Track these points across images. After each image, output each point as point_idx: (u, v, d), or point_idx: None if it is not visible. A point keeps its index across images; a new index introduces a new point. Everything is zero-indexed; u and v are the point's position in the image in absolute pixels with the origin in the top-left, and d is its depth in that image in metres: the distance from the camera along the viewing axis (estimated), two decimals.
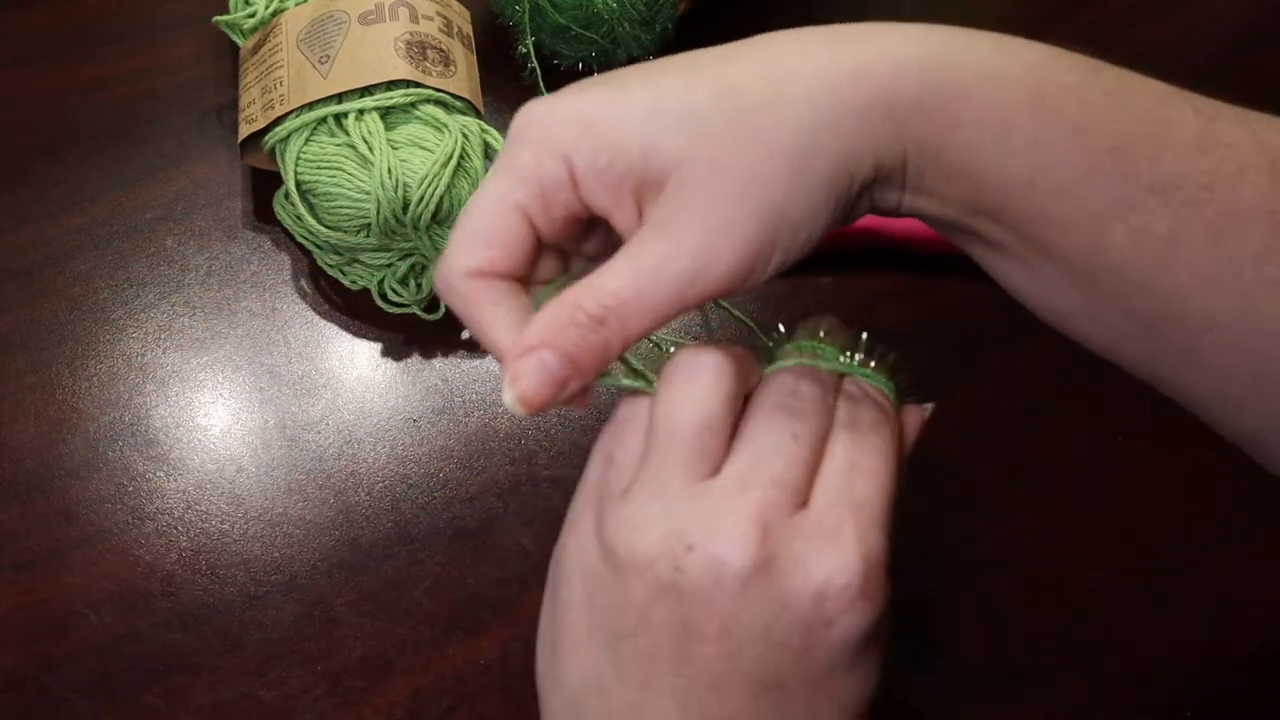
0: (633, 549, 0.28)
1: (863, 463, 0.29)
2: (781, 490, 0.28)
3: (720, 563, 0.27)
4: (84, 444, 0.45)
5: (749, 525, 0.27)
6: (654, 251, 0.29)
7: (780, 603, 0.27)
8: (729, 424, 0.29)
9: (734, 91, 0.31)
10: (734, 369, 0.30)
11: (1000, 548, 0.46)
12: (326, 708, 0.41)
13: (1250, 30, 0.67)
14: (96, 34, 0.58)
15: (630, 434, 0.31)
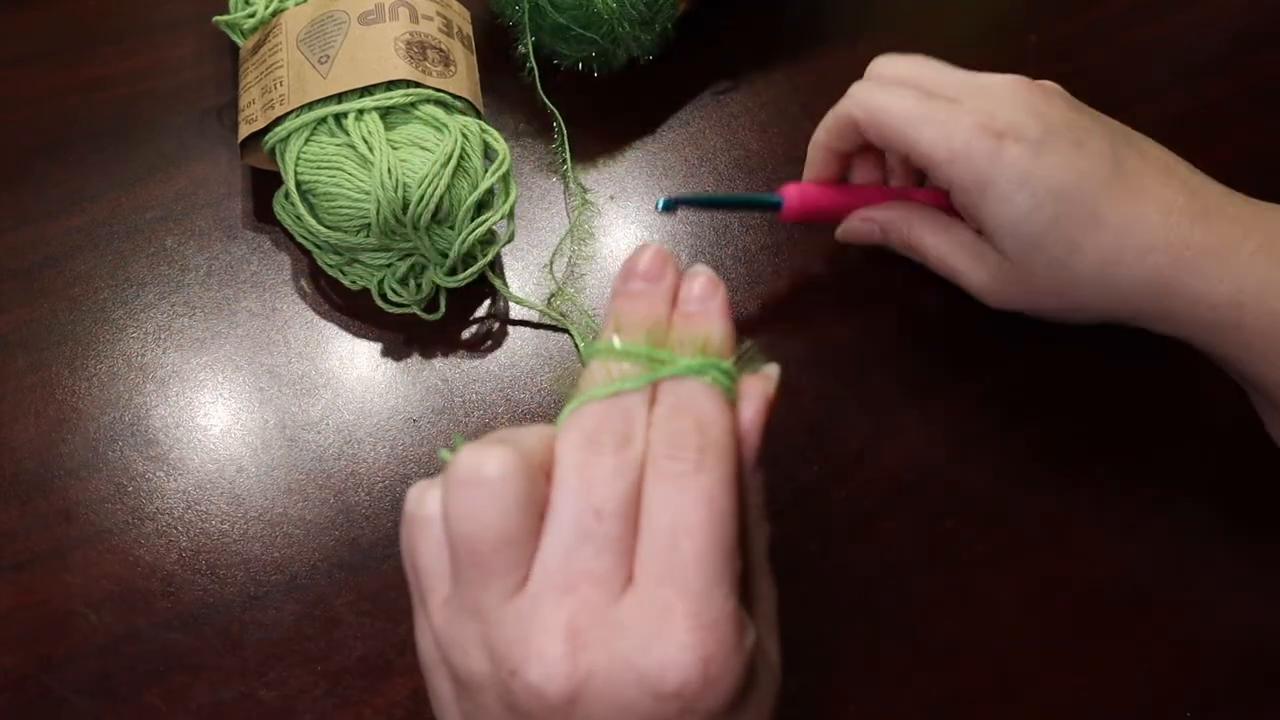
0: (468, 670, 0.27)
1: (685, 519, 0.26)
2: (595, 584, 0.26)
3: (540, 690, 0.25)
4: (84, 444, 0.45)
5: (559, 646, 0.25)
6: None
7: (621, 709, 0.25)
8: (530, 526, 0.26)
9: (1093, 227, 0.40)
10: (520, 462, 0.26)
11: (1000, 547, 0.46)
12: (326, 708, 0.41)
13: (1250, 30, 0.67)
14: (96, 34, 0.58)
15: (423, 543, 0.28)
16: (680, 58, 0.59)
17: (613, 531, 0.26)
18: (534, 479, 0.27)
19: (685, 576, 0.26)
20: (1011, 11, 0.66)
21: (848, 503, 0.47)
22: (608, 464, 0.27)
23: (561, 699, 0.25)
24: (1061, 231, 0.39)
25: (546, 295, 0.51)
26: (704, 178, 0.56)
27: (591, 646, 0.25)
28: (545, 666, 0.25)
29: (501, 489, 0.26)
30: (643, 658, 0.25)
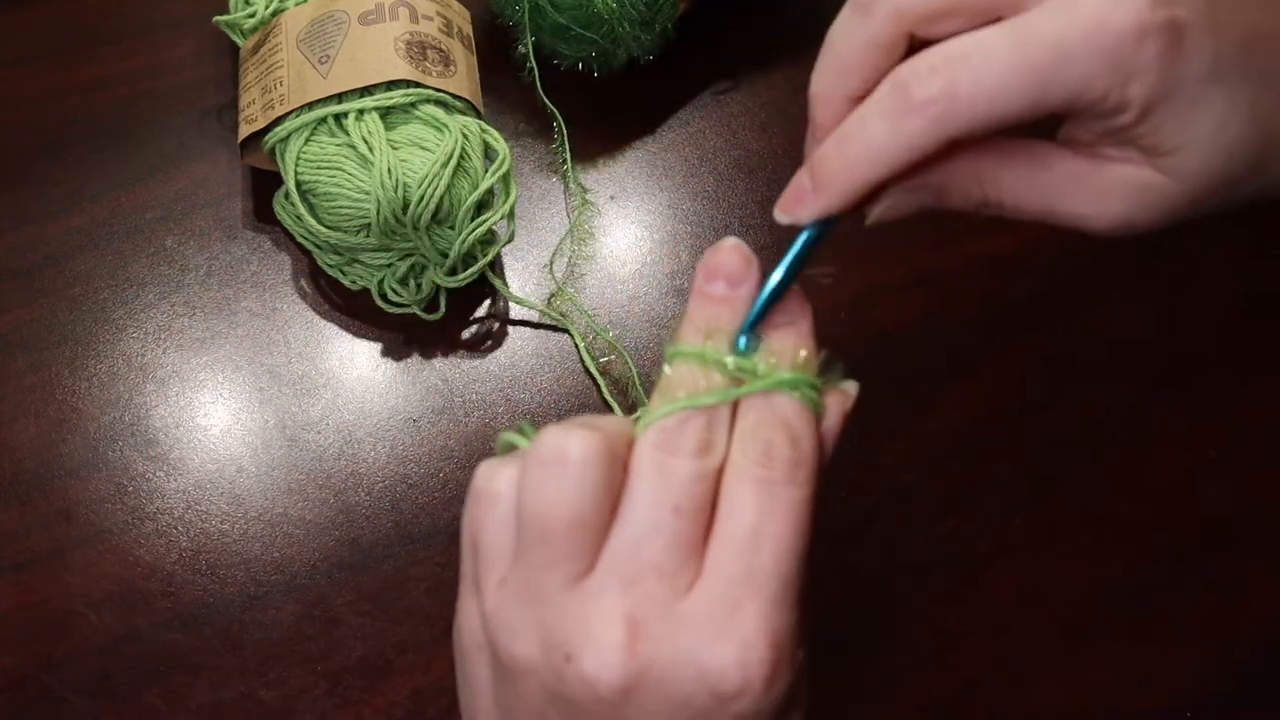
0: (514, 655, 0.26)
1: (770, 526, 0.26)
2: (661, 578, 0.26)
3: (594, 680, 0.25)
4: (84, 444, 0.45)
5: (619, 635, 0.25)
6: None
7: (676, 704, 0.25)
8: (604, 513, 0.26)
9: None
10: (605, 448, 0.26)
11: (1000, 547, 0.46)
12: (326, 708, 0.41)
13: None
14: (96, 34, 0.58)
15: (489, 520, 0.28)
16: (680, 58, 0.59)
17: (685, 530, 0.26)
18: (614, 467, 0.26)
19: (761, 580, 0.25)
20: None
21: (848, 503, 0.47)
22: (687, 465, 0.26)
23: (614, 690, 0.25)
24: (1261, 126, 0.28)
25: (546, 295, 0.51)
26: (704, 177, 0.56)
27: (653, 639, 0.25)
28: (602, 655, 0.25)
29: (583, 472, 0.26)
30: (706, 654, 0.25)
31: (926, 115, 0.26)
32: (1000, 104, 0.26)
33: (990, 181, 0.30)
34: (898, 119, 0.27)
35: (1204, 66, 0.26)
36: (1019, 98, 0.26)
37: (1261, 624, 0.45)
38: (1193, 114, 0.27)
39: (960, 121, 0.26)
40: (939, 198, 0.30)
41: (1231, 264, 0.56)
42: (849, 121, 0.28)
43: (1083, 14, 0.25)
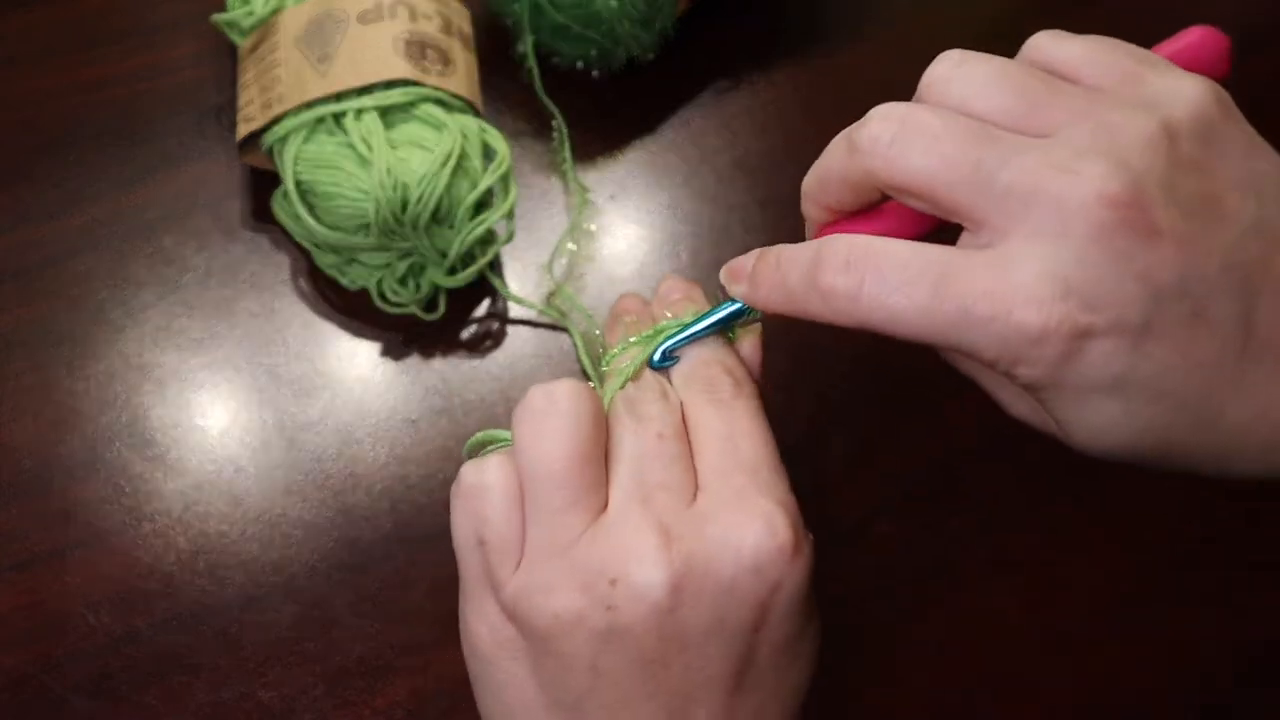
0: (555, 612, 0.27)
1: (739, 427, 0.29)
2: (669, 491, 0.28)
3: (645, 588, 0.27)
4: (82, 444, 0.45)
5: (654, 539, 0.27)
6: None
7: (722, 591, 0.27)
8: (601, 449, 0.29)
9: None
10: (588, 390, 0.29)
11: (1001, 552, 0.46)
12: (326, 708, 0.41)
13: (1250, 30, 0.67)
14: (96, 34, 0.58)
15: (490, 509, 0.29)
16: (680, 58, 0.59)
17: (674, 449, 0.29)
18: (599, 412, 0.30)
19: (751, 465, 0.29)
20: (1011, 11, 0.66)
21: (848, 505, 0.47)
22: (656, 404, 0.30)
23: (666, 592, 0.27)
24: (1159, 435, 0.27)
25: (546, 295, 0.51)
26: (704, 177, 0.56)
27: (684, 539, 0.27)
28: (645, 565, 0.27)
29: (575, 408, 0.29)
30: (737, 535, 0.27)
31: (826, 301, 0.28)
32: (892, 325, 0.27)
33: None
34: (806, 283, 0.29)
35: (1105, 378, 0.26)
36: (912, 329, 0.27)
37: (1267, 630, 0.45)
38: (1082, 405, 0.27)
39: (851, 320, 0.28)
40: None
41: None
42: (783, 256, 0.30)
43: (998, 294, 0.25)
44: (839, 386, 0.50)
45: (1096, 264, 0.25)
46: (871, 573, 0.45)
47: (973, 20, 0.65)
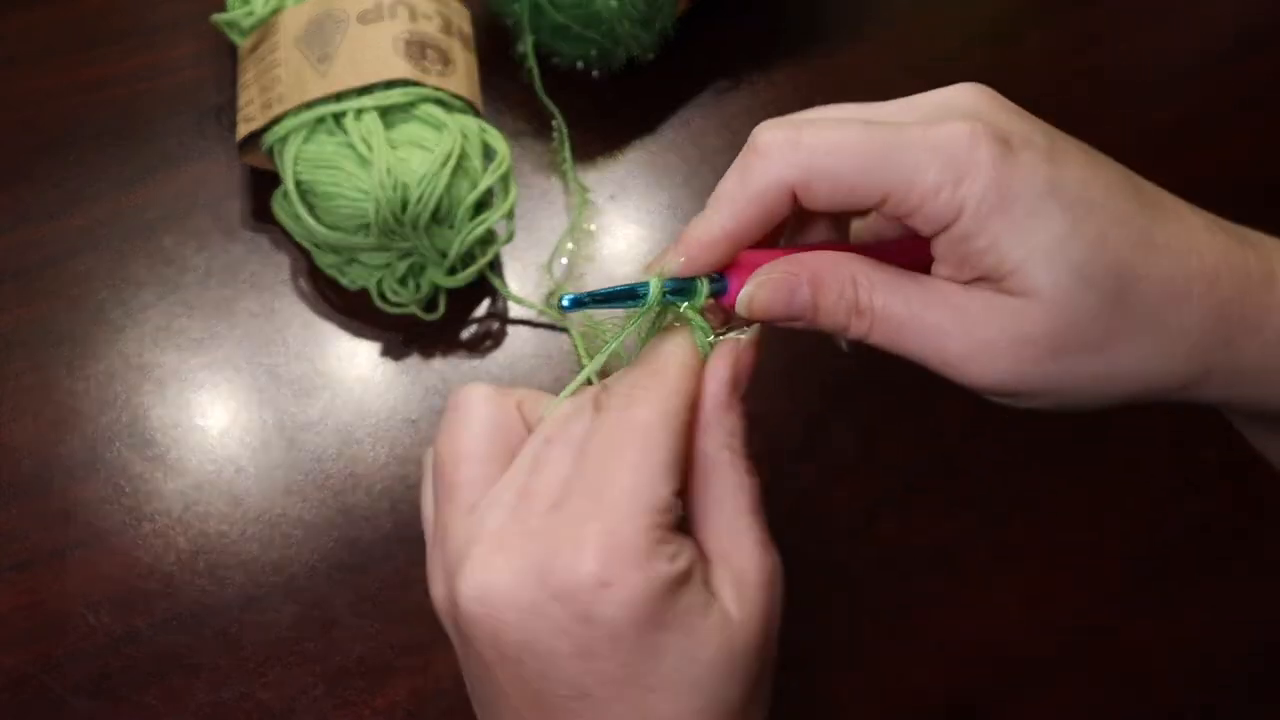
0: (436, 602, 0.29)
1: (604, 440, 0.28)
2: (530, 500, 0.28)
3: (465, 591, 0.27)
4: (82, 444, 0.45)
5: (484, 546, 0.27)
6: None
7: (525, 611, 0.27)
8: (495, 450, 0.29)
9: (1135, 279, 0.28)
10: (498, 394, 0.30)
11: (1001, 549, 0.46)
12: (326, 708, 0.41)
13: (1250, 30, 0.67)
14: (96, 34, 0.58)
15: (424, 488, 0.31)
16: (680, 58, 0.59)
17: (553, 454, 0.28)
18: (507, 411, 0.30)
19: (603, 492, 0.27)
20: (1011, 11, 0.66)
21: (848, 503, 0.47)
22: (565, 410, 0.30)
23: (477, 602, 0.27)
24: (1112, 254, 0.27)
25: (546, 295, 0.51)
26: (705, 177, 0.56)
27: (510, 551, 0.27)
28: (467, 569, 0.27)
29: (471, 412, 0.30)
30: (549, 559, 0.26)
31: (768, 157, 0.28)
32: (836, 160, 0.27)
33: (864, 284, 0.29)
34: (745, 166, 0.29)
35: (1039, 181, 0.27)
36: (854, 161, 0.27)
37: (1265, 625, 0.45)
38: (1031, 225, 0.27)
39: (799, 166, 0.28)
40: (814, 292, 0.30)
41: None
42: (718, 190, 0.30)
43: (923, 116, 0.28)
44: (840, 382, 0.50)
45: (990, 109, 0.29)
46: (874, 565, 0.45)
47: (972, 20, 0.65)
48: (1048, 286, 0.27)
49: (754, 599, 0.28)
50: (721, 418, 0.30)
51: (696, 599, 0.27)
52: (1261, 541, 0.47)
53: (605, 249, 0.53)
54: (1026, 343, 0.28)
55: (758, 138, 0.29)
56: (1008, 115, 0.29)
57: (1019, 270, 0.27)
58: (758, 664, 0.28)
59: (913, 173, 0.27)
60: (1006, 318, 0.28)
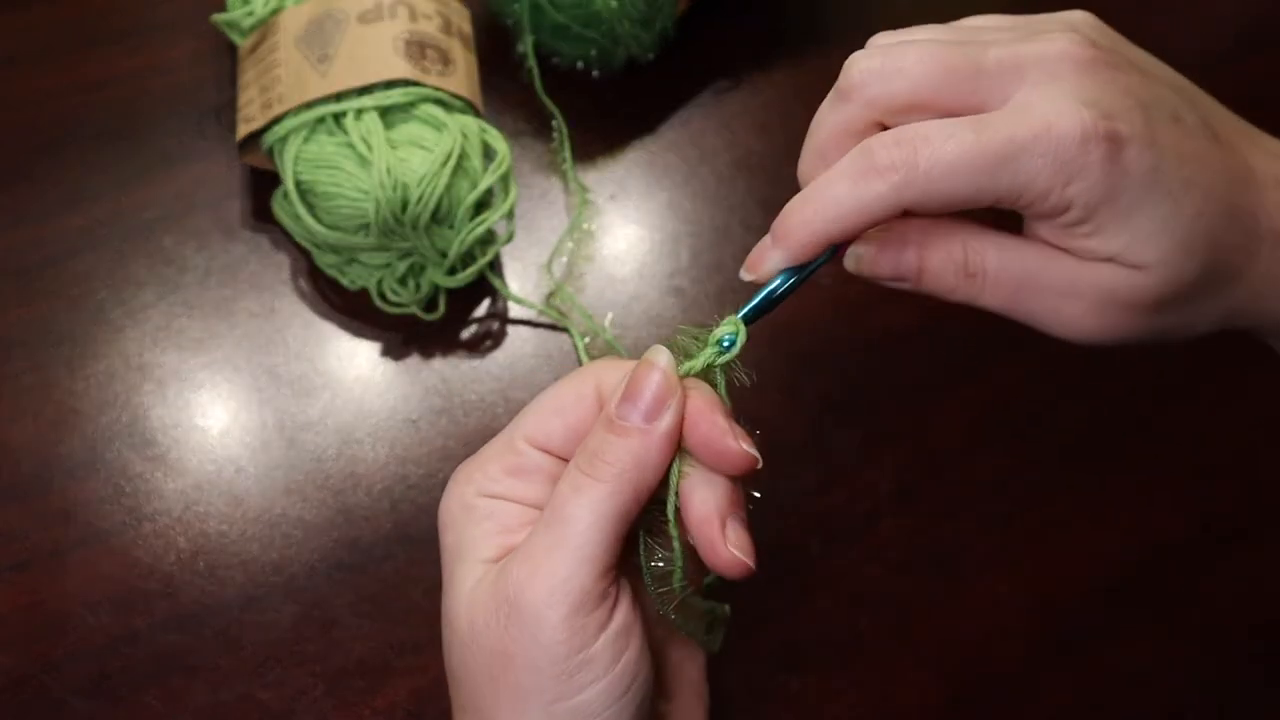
0: None
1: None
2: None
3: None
4: (82, 444, 0.45)
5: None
6: None
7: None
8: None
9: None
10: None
11: (1000, 549, 0.46)
12: (326, 708, 0.41)
13: (1250, 30, 0.67)
14: (96, 34, 0.58)
15: None
16: (680, 58, 0.59)
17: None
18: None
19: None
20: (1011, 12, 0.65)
21: (848, 503, 0.47)
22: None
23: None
24: (1205, 227, 0.30)
25: (546, 295, 0.51)
26: (704, 178, 0.56)
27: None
28: None
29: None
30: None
31: (886, 179, 0.28)
32: (952, 181, 0.28)
33: (975, 246, 0.31)
34: (859, 180, 0.29)
35: (1144, 173, 0.29)
36: (969, 179, 0.28)
37: (1263, 624, 0.45)
38: (1137, 214, 0.29)
39: (915, 190, 0.28)
40: (921, 254, 0.31)
41: None
42: (815, 182, 0.30)
43: (1034, 118, 0.28)
44: (840, 383, 0.50)
45: (1092, 88, 0.29)
46: (874, 566, 0.45)
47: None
48: (1155, 263, 0.29)
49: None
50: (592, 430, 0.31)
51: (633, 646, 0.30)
52: (1262, 541, 0.47)
53: (605, 249, 0.53)
54: (1136, 305, 0.30)
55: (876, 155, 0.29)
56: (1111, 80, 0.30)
57: (1125, 251, 0.29)
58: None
59: (1026, 182, 0.28)
60: (1119, 281, 0.30)
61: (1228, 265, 0.31)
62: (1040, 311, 0.31)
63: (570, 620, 0.28)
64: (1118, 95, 0.30)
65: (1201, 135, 0.31)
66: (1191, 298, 0.31)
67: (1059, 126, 0.28)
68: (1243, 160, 0.32)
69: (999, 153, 0.28)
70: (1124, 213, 0.29)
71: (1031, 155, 0.28)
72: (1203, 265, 0.30)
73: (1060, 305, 0.30)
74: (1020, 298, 0.30)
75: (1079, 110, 0.28)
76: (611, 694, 0.28)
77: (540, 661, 0.28)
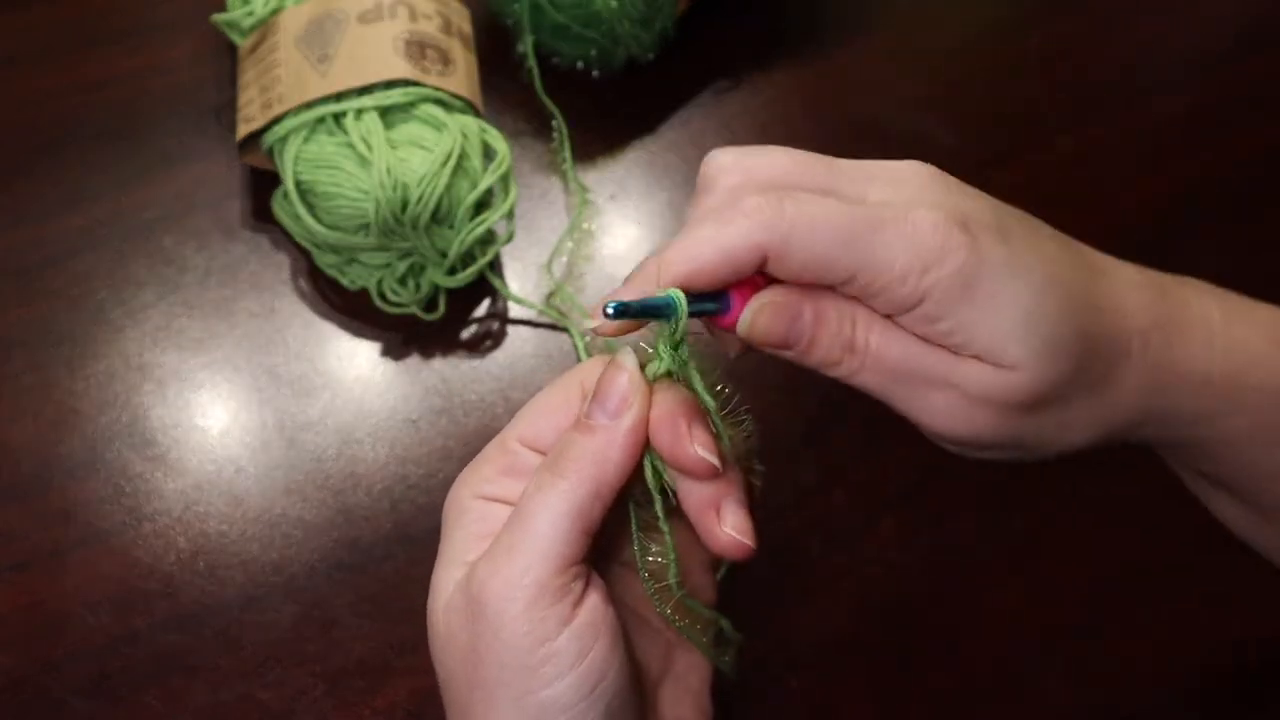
0: None
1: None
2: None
3: None
4: (82, 444, 0.45)
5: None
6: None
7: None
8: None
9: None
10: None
11: (1001, 549, 0.46)
12: (326, 709, 0.41)
13: (1250, 30, 0.67)
14: (96, 34, 0.58)
15: None
16: (680, 58, 0.59)
17: None
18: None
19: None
20: (1011, 11, 0.65)
21: (848, 503, 0.47)
22: None
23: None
24: (1072, 322, 0.30)
25: (546, 295, 0.51)
26: None
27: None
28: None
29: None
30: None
31: (750, 219, 0.29)
32: (813, 238, 0.29)
33: (863, 323, 0.31)
34: (724, 221, 0.29)
35: (1000, 263, 0.29)
36: (830, 239, 0.29)
37: (1265, 622, 0.45)
38: (999, 307, 0.29)
39: (776, 235, 0.29)
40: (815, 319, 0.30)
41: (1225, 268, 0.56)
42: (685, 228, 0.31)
43: (894, 209, 0.29)
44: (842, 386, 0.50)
45: (941, 192, 0.31)
46: (874, 566, 0.45)
47: (972, 20, 0.65)
48: (1025, 359, 0.29)
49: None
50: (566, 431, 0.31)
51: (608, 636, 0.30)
52: None
53: (605, 249, 0.53)
54: (1008, 404, 0.30)
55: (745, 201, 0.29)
56: (958, 193, 0.31)
57: (992, 348, 0.29)
58: None
59: (885, 259, 0.29)
60: (991, 379, 0.30)
61: (1099, 365, 0.31)
62: (913, 399, 0.31)
63: (529, 613, 0.28)
64: (966, 198, 0.31)
65: (1052, 238, 0.32)
66: (1065, 399, 0.31)
67: (917, 217, 0.29)
68: (1098, 261, 0.32)
69: (863, 223, 0.29)
70: (984, 306, 0.29)
71: (892, 236, 0.29)
72: (1074, 364, 0.30)
73: (932, 396, 0.30)
74: (896, 380, 0.30)
75: (933, 209, 0.29)
76: (579, 690, 0.28)
77: (504, 656, 0.28)
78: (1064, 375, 0.30)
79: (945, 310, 0.29)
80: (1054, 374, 0.30)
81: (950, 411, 0.30)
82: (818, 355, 0.30)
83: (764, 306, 0.30)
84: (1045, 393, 0.30)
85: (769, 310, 0.30)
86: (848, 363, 0.31)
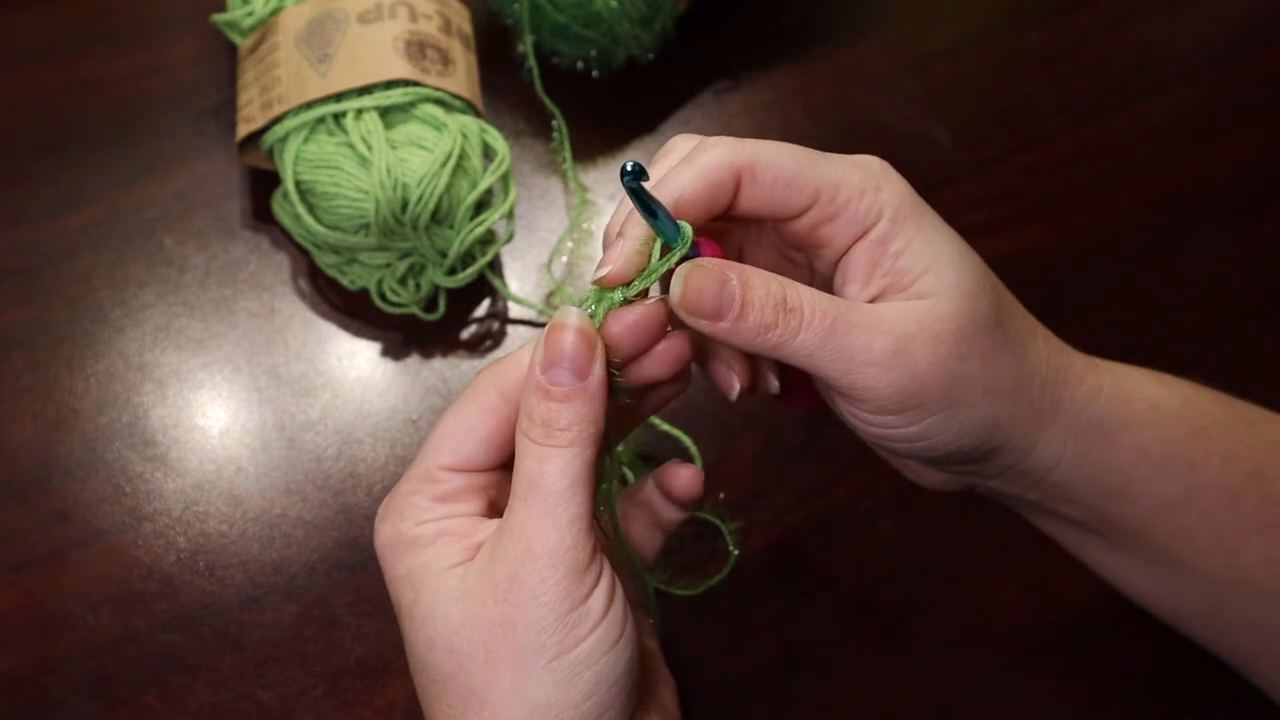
0: None
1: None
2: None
3: None
4: (82, 444, 0.45)
5: None
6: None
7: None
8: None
9: None
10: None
11: (1000, 549, 0.46)
12: (325, 709, 0.41)
13: (1251, 30, 0.67)
14: (96, 34, 0.58)
15: None
16: (680, 57, 0.59)
17: None
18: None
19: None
20: (1011, 11, 0.65)
21: (848, 503, 0.47)
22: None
23: None
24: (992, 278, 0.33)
25: (546, 295, 0.51)
26: None
27: None
28: None
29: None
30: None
31: (720, 144, 0.31)
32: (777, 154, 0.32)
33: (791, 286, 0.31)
34: (698, 151, 0.32)
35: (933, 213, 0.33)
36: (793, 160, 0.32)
37: None
38: (936, 236, 0.33)
39: (744, 155, 0.31)
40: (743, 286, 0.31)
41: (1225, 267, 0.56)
42: None
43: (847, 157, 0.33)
44: None
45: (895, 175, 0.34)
46: (874, 566, 0.45)
47: (972, 19, 0.65)
48: (953, 285, 0.32)
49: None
50: (528, 400, 0.31)
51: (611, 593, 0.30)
52: None
53: None
54: (939, 338, 0.31)
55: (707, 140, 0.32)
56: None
57: (931, 270, 0.32)
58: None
59: (840, 177, 0.32)
60: (922, 313, 0.32)
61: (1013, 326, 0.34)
62: (854, 349, 0.31)
63: (569, 579, 0.29)
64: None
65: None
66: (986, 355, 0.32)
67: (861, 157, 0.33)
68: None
69: (819, 153, 0.32)
70: (927, 232, 0.32)
71: (844, 163, 0.32)
72: (994, 314, 0.33)
73: (873, 342, 0.31)
74: (836, 332, 0.31)
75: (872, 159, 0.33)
76: (607, 640, 0.29)
77: (545, 620, 0.29)
78: (984, 316, 0.32)
79: (899, 229, 0.32)
80: (978, 308, 0.32)
81: (896, 353, 0.31)
82: (752, 318, 0.30)
83: (693, 268, 0.31)
84: (971, 327, 0.32)
85: (698, 271, 0.30)
86: (784, 323, 0.31)
